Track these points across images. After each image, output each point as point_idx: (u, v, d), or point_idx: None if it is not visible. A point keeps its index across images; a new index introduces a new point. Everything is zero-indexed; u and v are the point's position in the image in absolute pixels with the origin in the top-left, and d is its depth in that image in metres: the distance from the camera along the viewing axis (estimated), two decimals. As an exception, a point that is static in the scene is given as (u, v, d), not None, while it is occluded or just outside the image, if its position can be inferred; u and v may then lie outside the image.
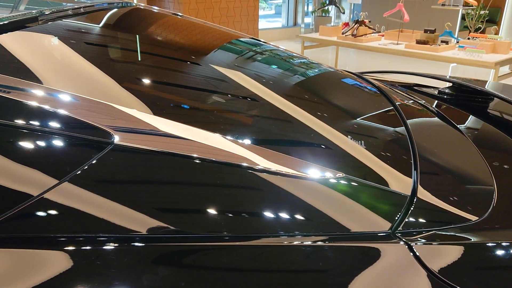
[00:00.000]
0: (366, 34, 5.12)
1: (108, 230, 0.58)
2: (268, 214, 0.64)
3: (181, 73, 1.02)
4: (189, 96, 0.91)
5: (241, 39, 1.45)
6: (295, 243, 0.60)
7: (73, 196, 0.61)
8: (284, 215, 0.64)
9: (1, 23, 0.92)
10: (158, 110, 0.77)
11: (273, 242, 0.60)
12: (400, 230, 0.63)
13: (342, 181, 0.70)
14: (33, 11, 1.05)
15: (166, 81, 0.95)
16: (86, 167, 0.62)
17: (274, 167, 0.69)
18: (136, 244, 0.57)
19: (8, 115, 0.66)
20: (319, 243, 0.61)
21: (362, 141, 0.85)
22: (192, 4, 6.31)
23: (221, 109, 0.87)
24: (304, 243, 0.60)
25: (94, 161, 0.63)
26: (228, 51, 1.31)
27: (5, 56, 0.83)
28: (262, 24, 7.71)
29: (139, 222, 0.60)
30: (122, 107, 0.73)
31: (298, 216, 0.64)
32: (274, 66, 1.28)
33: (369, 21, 5.32)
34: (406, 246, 0.60)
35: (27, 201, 0.59)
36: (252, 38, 1.50)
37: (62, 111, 0.69)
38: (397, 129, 0.98)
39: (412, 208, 0.68)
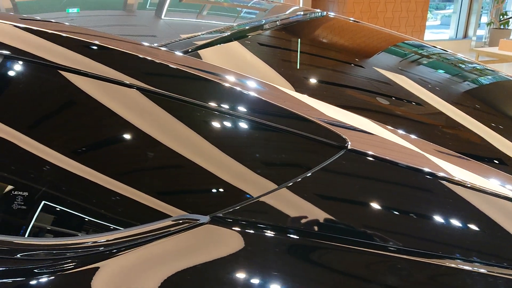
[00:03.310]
0: (561, 51, 4.41)
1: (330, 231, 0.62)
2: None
3: (398, 84, 1.02)
4: (414, 109, 0.91)
5: (436, 49, 1.40)
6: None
7: (301, 195, 0.65)
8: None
9: (235, 31, 1.04)
10: (387, 119, 0.79)
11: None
12: None
13: None
14: (249, 25, 1.17)
15: (393, 94, 0.96)
16: (320, 168, 0.66)
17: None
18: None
19: (249, 113, 0.73)
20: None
21: None
22: (356, 14, 6.27)
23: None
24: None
25: (327, 164, 0.67)
26: (431, 63, 1.27)
27: (242, 58, 0.94)
28: (426, 35, 7.25)
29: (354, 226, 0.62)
30: (353, 114, 0.76)
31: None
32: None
33: None
34: None
35: (255, 197, 0.66)
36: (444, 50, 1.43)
37: (303, 114, 0.73)
38: None
39: None
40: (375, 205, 0.65)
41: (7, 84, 0.83)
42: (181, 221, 0.67)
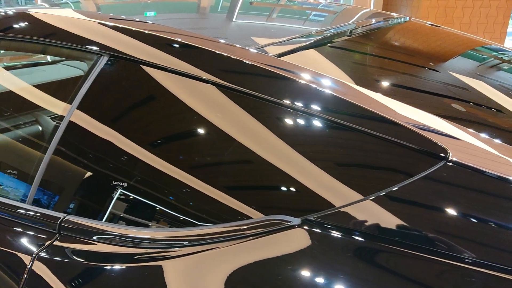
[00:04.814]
0: None
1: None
2: None
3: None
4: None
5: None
6: None
7: (389, 206, 0.64)
8: None
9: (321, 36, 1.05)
10: (494, 134, 0.76)
11: None
12: None
13: None
14: (340, 29, 1.17)
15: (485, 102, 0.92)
16: (418, 178, 0.65)
17: None
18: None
19: (339, 117, 0.73)
20: None
21: None
22: (430, 19, 6.01)
23: None
24: None
25: (425, 175, 0.65)
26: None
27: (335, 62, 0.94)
28: (506, 43, 6.77)
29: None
30: (454, 125, 0.74)
31: None
32: None
33: None
34: None
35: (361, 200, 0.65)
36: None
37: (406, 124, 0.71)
38: None
39: None
40: (478, 225, 0.62)
41: (99, 79, 0.89)
42: (273, 221, 0.68)
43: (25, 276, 0.78)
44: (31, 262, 0.79)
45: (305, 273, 0.62)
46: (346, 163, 0.71)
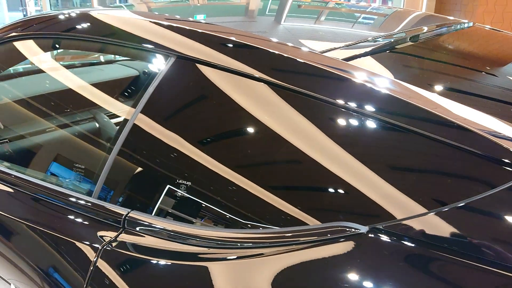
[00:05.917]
0: None
1: None
2: None
3: None
4: None
5: None
6: None
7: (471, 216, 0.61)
8: None
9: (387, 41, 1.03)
10: None
11: None
12: None
13: None
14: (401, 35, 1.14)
15: None
16: (499, 190, 0.61)
17: None
18: None
19: (421, 126, 0.70)
20: None
21: None
22: (485, 24, 5.76)
23: None
24: None
25: (507, 187, 0.61)
26: None
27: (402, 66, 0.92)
28: None
29: None
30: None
31: None
32: None
33: None
34: None
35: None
36: None
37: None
38: None
39: None
40: None
41: (165, 80, 0.90)
42: (340, 228, 0.67)
43: (91, 268, 0.81)
44: (97, 255, 0.81)
45: (376, 281, 0.61)
46: (420, 170, 0.68)
